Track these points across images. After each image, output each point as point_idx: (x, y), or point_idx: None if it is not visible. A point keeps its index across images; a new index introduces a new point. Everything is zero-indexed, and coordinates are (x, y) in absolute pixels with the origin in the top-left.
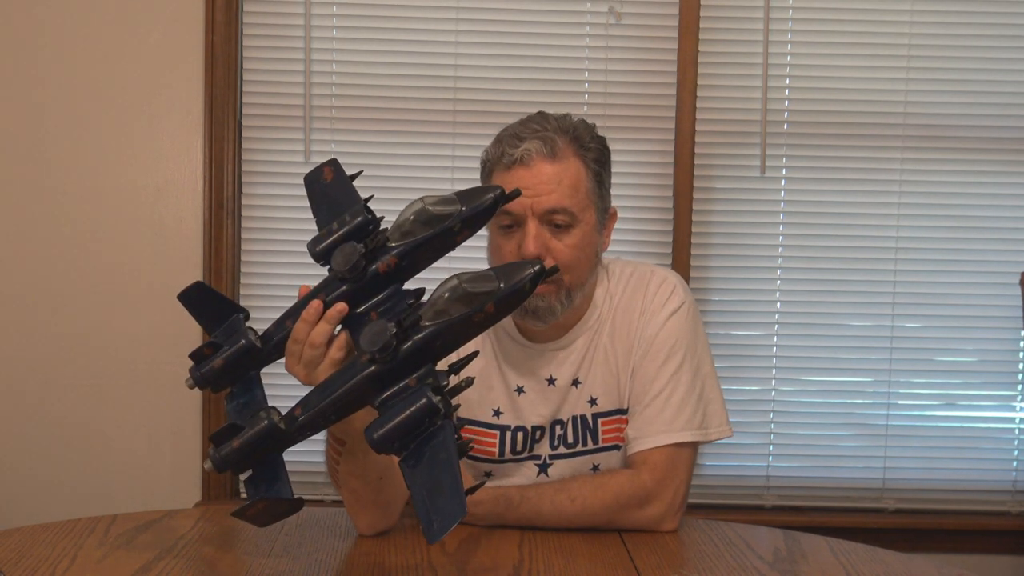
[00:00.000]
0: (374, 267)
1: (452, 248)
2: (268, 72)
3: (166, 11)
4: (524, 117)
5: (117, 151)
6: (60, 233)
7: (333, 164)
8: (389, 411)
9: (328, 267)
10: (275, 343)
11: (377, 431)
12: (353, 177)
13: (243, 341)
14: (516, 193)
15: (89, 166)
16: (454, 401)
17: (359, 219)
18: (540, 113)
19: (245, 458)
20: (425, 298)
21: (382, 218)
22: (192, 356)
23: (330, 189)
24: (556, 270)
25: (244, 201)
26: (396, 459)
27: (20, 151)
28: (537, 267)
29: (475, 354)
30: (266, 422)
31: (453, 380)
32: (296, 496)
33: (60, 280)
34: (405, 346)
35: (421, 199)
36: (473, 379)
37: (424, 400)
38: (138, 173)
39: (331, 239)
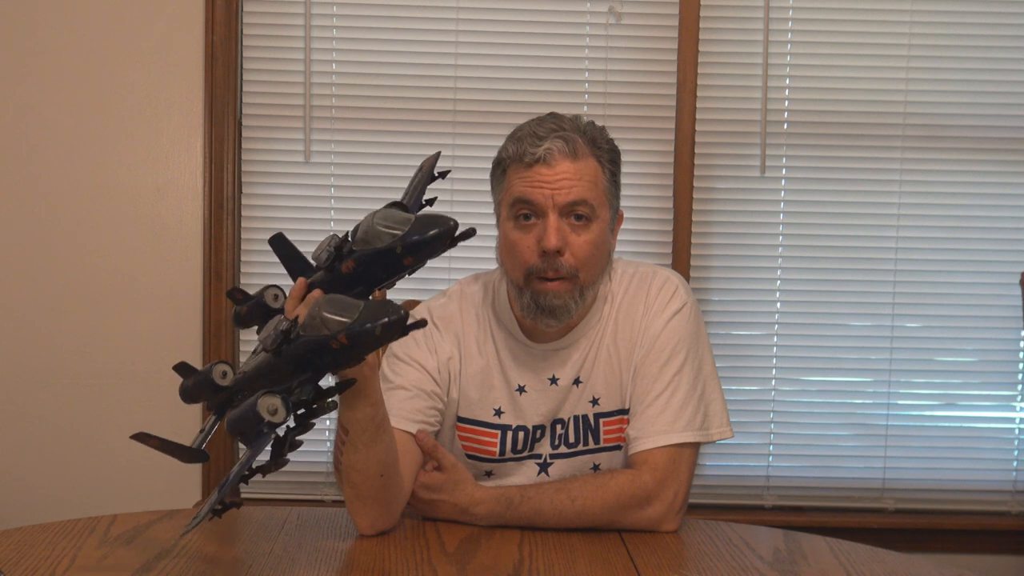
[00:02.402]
0: (340, 265)
1: (401, 271)
2: (268, 72)
3: (166, 11)
4: (536, 117)
5: (117, 151)
6: (60, 233)
7: (435, 157)
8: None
9: None
10: None
11: (231, 414)
12: (443, 175)
13: (261, 297)
14: (471, 233)
15: (89, 166)
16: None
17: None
18: (552, 114)
19: (201, 395)
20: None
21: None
22: (228, 295)
23: (417, 181)
24: (423, 324)
25: (244, 201)
26: (396, 459)
27: (20, 151)
28: (401, 314)
29: (352, 381)
30: (210, 371)
31: (333, 398)
32: (202, 450)
33: (60, 280)
34: (284, 347)
35: (382, 208)
36: (336, 403)
37: (257, 402)
38: (138, 173)
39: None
